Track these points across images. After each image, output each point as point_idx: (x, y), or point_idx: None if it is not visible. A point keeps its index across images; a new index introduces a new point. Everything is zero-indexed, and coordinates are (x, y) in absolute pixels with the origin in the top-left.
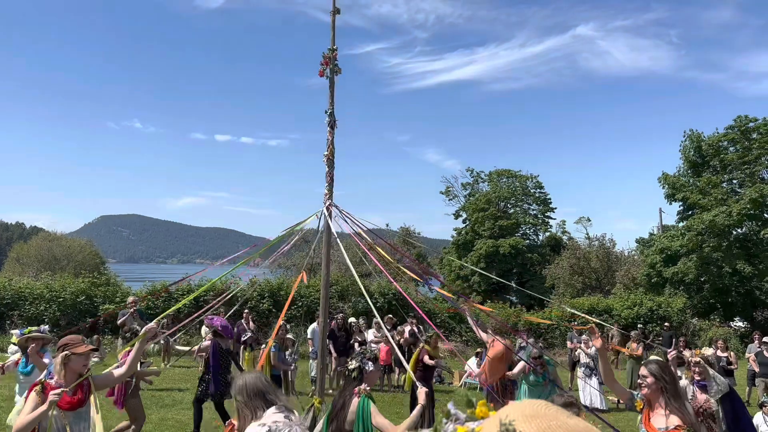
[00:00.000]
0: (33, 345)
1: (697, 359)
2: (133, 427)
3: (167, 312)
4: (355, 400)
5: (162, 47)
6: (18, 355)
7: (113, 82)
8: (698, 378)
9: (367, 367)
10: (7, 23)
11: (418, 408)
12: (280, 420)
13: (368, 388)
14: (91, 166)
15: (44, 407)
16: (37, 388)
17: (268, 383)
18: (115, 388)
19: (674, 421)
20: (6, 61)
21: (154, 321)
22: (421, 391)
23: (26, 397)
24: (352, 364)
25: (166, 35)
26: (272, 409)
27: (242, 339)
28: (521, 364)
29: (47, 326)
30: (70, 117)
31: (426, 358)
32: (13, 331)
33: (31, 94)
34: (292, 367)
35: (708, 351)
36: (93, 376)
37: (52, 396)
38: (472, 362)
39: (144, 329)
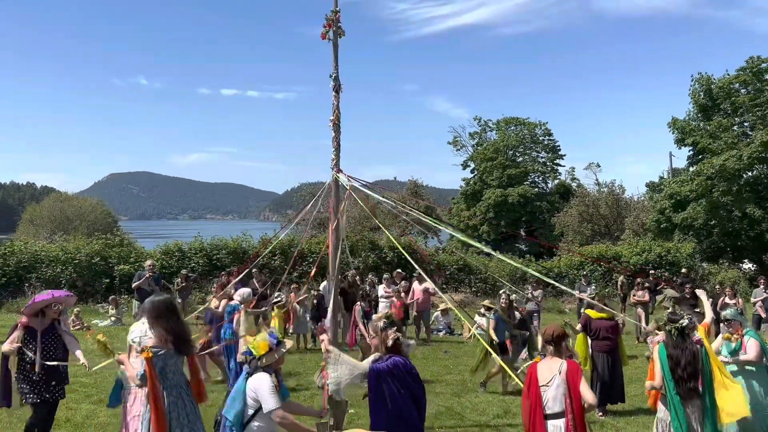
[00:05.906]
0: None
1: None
2: None
3: None
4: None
5: (163, 1)
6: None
7: (116, 39)
8: None
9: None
10: None
11: None
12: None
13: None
14: (99, 124)
15: None
16: None
17: None
18: None
19: None
20: (6, 22)
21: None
22: None
23: None
24: (685, 322)
25: None
26: None
27: (273, 301)
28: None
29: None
30: (74, 75)
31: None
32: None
33: (34, 55)
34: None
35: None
36: None
37: None
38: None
39: None
